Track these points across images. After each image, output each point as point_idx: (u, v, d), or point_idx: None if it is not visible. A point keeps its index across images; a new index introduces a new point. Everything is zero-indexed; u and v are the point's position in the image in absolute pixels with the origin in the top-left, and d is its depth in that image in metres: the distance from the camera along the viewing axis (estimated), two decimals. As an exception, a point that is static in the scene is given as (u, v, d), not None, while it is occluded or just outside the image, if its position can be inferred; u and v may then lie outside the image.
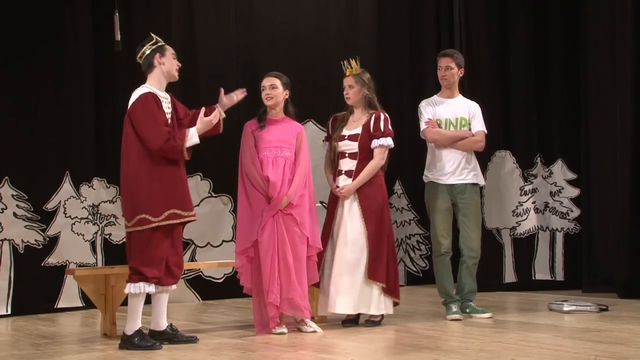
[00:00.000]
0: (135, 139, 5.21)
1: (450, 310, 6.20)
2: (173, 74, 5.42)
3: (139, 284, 5.14)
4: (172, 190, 5.21)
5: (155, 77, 5.39)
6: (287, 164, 5.77)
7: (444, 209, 6.27)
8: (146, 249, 5.15)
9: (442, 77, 6.41)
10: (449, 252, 6.30)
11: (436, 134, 6.30)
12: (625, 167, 7.58)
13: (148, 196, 5.15)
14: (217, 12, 8.47)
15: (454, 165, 6.29)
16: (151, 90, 5.28)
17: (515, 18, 8.71)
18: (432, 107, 6.38)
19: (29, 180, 7.48)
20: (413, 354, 4.72)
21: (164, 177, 5.19)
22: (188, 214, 5.27)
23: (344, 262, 5.87)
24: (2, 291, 7.30)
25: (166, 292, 5.38)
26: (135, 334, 5.18)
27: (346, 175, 6.00)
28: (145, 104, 5.21)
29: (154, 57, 5.38)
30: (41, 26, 7.58)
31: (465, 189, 6.31)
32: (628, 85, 7.55)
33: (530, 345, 4.91)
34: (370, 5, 9.42)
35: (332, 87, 6.33)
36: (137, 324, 5.21)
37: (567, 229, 8.53)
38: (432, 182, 6.32)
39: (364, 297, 5.86)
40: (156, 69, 5.39)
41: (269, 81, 5.84)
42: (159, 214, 5.15)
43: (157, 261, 5.16)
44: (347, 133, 6.04)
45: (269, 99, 5.82)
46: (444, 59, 6.42)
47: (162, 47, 5.43)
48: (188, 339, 5.35)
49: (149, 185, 5.17)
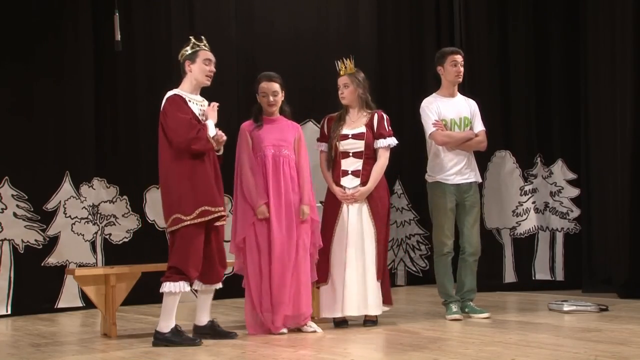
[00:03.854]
0: (166, 142, 5.35)
1: (450, 310, 6.20)
2: (201, 80, 5.49)
3: (177, 283, 5.25)
4: (201, 188, 5.30)
5: (187, 81, 5.52)
6: (287, 163, 5.77)
7: (449, 209, 6.26)
8: (184, 248, 5.28)
9: (458, 73, 6.34)
10: (451, 252, 6.31)
11: (446, 137, 6.26)
12: (625, 167, 7.58)
13: (179, 196, 5.29)
14: (217, 13, 8.48)
15: (459, 165, 6.28)
16: (178, 93, 5.41)
17: (515, 18, 8.70)
18: (436, 107, 6.34)
19: (29, 180, 7.49)
20: (413, 354, 4.72)
21: (193, 176, 5.30)
22: (217, 210, 5.33)
23: (357, 265, 5.86)
24: (2, 291, 7.30)
25: (210, 291, 5.53)
26: (170, 332, 5.28)
27: (353, 175, 5.97)
28: (171, 104, 5.35)
29: (185, 63, 5.49)
30: (41, 26, 7.59)
31: (470, 188, 6.32)
32: (628, 85, 7.55)
33: (530, 345, 4.90)
34: (370, 5, 9.42)
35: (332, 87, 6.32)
36: (171, 323, 5.30)
37: (567, 229, 8.53)
38: (438, 182, 6.29)
39: (375, 298, 5.88)
40: (187, 74, 5.50)
41: (271, 87, 5.80)
42: (191, 212, 5.27)
43: (195, 260, 5.27)
44: (350, 132, 6.01)
45: (272, 106, 5.82)
46: (459, 56, 6.35)
47: (195, 53, 5.47)
48: (228, 334, 5.48)
49: (179, 185, 5.30)
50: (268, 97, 5.80)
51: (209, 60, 5.48)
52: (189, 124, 5.27)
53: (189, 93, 5.46)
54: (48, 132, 7.62)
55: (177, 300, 5.32)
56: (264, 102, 5.82)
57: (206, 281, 5.47)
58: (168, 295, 5.30)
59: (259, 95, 5.84)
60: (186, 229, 5.28)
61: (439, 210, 6.28)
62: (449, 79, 6.37)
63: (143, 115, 8.03)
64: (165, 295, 5.31)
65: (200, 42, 5.50)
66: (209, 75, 5.49)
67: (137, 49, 8.13)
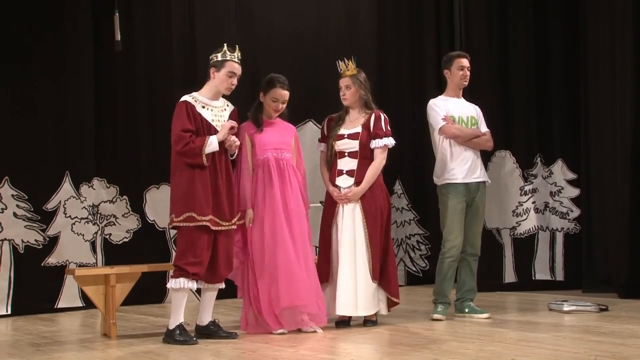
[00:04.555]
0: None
1: (436, 309, 6.21)
2: (220, 90, 5.56)
3: (177, 279, 5.37)
4: (192, 195, 5.36)
5: (208, 87, 5.59)
6: (290, 166, 5.80)
7: (459, 209, 6.24)
8: (183, 246, 5.40)
9: (464, 77, 6.38)
10: (459, 254, 6.29)
11: (457, 130, 6.26)
12: (625, 167, 7.58)
13: (175, 197, 5.44)
14: (217, 13, 8.47)
15: (469, 163, 6.28)
16: (188, 99, 5.48)
17: (515, 18, 8.70)
18: (443, 105, 6.35)
19: (29, 180, 7.48)
20: (413, 354, 4.72)
21: (189, 182, 5.38)
22: (202, 219, 5.36)
23: (349, 264, 5.85)
24: (2, 291, 7.30)
25: (212, 289, 5.60)
26: (176, 329, 5.38)
27: (347, 175, 5.97)
28: (176, 112, 5.47)
29: (211, 69, 5.55)
30: (41, 26, 7.58)
31: (479, 188, 6.32)
32: (628, 85, 7.55)
33: (530, 345, 4.90)
34: (370, 6, 9.42)
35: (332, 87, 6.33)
36: (178, 319, 5.39)
37: (567, 229, 8.53)
38: (448, 183, 6.27)
39: (368, 299, 5.86)
40: (210, 80, 5.56)
41: (284, 95, 5.80)
42: (179, 215, 5.38)
43: (192, 259, 5.35)
44: (347, 132, 6.01)
45: (278, 111, 5.84)
46: (465, 60, 6.40)
47: (222, 62, 5.51)
48: (228, 335, 5.53)
49: (176, 187, 5.45)
50: (278, 103, 5.80)
51: (232, 73, 5.50)
52: (178, 136, 5.35)
53: (208, 98, 5.53)
54: (48, 132, 7.62)
55: (180, 296, 5.40)
56: (272, 106, 5.80)
57: (208, 281, 5.53)
58: (172, 292, 5.46)
59: (268, 98, 5.80)
60: (185, 229, 5.37)
61: (451, 211, 6.23)
62: (455, 82, 6.40)
63: (143, 115, 8.04)
64: (171, 292, 5.49)
65: (231, 52, 5.52)
66: (230, 88, 5.55)
67: (137, 49, 8.13)
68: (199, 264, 5.36)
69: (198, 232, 5.35)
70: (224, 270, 5.54)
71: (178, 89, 5.54)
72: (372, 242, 5.87)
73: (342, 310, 5.83)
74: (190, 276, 5.35)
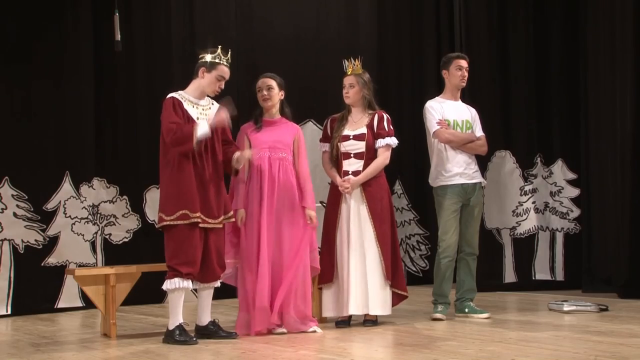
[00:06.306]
0: (161, 142, 5.42)
1: (436, 309, 6.23)
2: (206, 91, 5.53)
3: (172, 280, 5.32)
4: (184, 192, 5.32)
5: (195, 84, 5.54)
6: (282, 166, 5.77)
7: (454, 209, 6.26)
8: (173, 246, 5.34)
9: (463, 77, 6.39)
10: (455, 254, 6.30)
11: (451, 135, 6.28)
12: (625, 167, 7.58)
13: (165, 196, 5.38)
14: (217, 13, 8.48)
15: (464, 166, 6.29)
16: (176, 95, 5.44)
17: (515, 19, 8.70)
18: (439, 107, 6.36)
19: (29, 180, 7.49)
20: (413, 354, 4.72)
21: (179, 179, 5.33)
22: (195, 215, 5.31)
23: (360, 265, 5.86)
24: (2, 291, 7.31)
25: (208, 288, 5.54)
26: (176, 329, 5.35)
27: (353, 176, 5.96)
28: (165, 107, 5.42)
29: (201, 68, 5.49)
30: (41, 26, 7.59)
31: (475, 189, 6.33)
32: (628, 85, 7.55)
33: (530, 345, 4.90)
34: (370, 6, 9.42)
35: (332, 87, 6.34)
36: (177, 320, 5.36)
37: (567, 229, 8.53)
38: (444, 184, 6.28)
39: (381, 298, 5.88)
40: (197, 78, 5.51)
41: (265, 82, 5.83)
42: (171, 214, 5.31)
43: (184, 258, 5.30)
44: (352, 133, 6.01)
45: (266, 100, 5.82)
46: (464, 61, 6.41)
47: (214, 65, 5.47)
48: (228, 335, 5.51)
49: (166, 186, 5.39)
50: (262, 91, 5.82)
51: (222, 77, 5.49)
52: (167, 128, 5.31)
53: (194, 97, 5.49)
54: (48, 132, 7.62)
55: (177, 297, 5.36)
56: (259, 97, 5.84)
57: (202, 280, 5.48)
58: (169, 293, 5.41)
59: (257, 94, 5.85)
60: (175, 228, 5.31)
61: (446, 212, 6.25)
62: (454, 83, 6.41)
63: (143, 115, 8.03)
64: (168, 293, 5.44)
65: (224, 56, 5.51)
66: (216, 91, 5.52)
67: (137, 49, 8.13)
68: (192, 262, 5.31)
69: (188, 230, 5.30)
70: (217, 268, 5.49)
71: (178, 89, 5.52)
72: (382, 242, 5.90)
73: (356, 309, 5.85)
74: (184, 276, 5.31)
